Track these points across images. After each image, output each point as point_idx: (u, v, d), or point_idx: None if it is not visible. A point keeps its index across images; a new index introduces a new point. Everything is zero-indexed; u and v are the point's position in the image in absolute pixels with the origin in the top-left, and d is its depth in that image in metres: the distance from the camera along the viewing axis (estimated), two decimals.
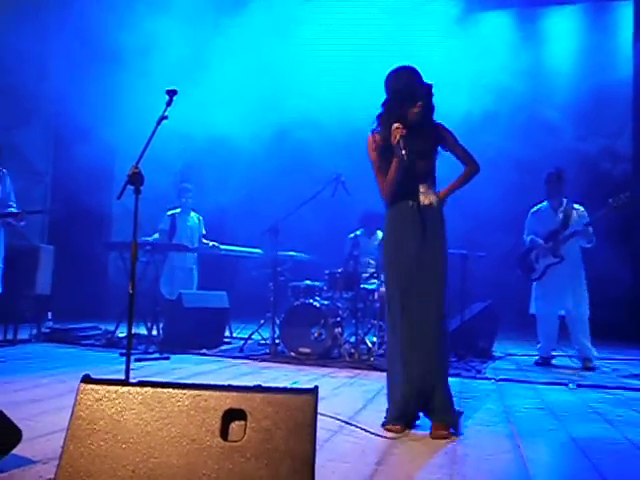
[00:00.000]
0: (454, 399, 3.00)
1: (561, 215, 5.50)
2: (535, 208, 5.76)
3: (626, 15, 9.16)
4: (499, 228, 7.69)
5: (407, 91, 2.94)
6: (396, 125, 2.88)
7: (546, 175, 5.60)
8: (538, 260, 5.54)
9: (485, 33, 9.73)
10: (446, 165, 3.17)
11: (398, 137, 2.85)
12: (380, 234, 6.44)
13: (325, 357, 5.25)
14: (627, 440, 2.90)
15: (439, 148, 3.10)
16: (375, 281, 5.88)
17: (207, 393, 1.78)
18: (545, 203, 5.68)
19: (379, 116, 3.07)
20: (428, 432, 2.87)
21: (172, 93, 3.12)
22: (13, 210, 5.34)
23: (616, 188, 8.24)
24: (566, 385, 4.41)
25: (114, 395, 1.80)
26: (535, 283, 5.62)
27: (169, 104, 3.07)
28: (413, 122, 2.96)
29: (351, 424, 2.96)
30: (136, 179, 2.81)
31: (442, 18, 9.68)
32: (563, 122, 8.84)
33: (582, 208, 5.50)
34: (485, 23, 9.82)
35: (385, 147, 2.99)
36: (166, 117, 3.05)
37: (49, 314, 6.35)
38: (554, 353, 5.68)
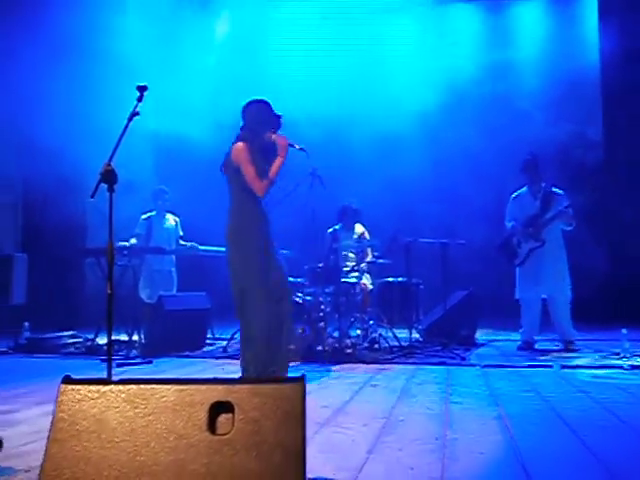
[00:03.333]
0: None
1: (540, 199, 5.55)
2: (515, 194, 5.80)
3: (591, 2, 9.28)
4: (478, 217, 7.73)
5: (268, 119, 3.72)
6: (277, 134, 3.65)
7: (522, 162, 5.65)
8: (520, 245, 5.57)
9: (454, 26, 9.79)
10: None
11: (288, 141, 3.63)
12: (359, 228, 6.42)
13: (309, 352, 5.22)
14: (613, 415, 2.92)
15: None
16: (356, 274, 5.87)
17: (192, 387, 1.73)
18: (525, 189, 5.72)
19: (252, 135, 3.67)
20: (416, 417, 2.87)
21: (142, 89, 3.02)
22: None
23: (588, 174, 8.37)
24: (550, 367, 4.44)
25: (96, 394, 1.74)
26: (518, 268, 5.65)
27: (140, 100, 2.98)
28: (266, 144, 3.69)
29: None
30: (109, 177, 2.73)
31: (411, 12, 9.72)
32: (536, 111, 8.92)
33: (561, 191, 5.55)
34: (453, 16, 9.87)
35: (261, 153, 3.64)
36: (138, 113, 2.95)
37: (26, 324, 6.20)
38: (537, 338, 5.71)
